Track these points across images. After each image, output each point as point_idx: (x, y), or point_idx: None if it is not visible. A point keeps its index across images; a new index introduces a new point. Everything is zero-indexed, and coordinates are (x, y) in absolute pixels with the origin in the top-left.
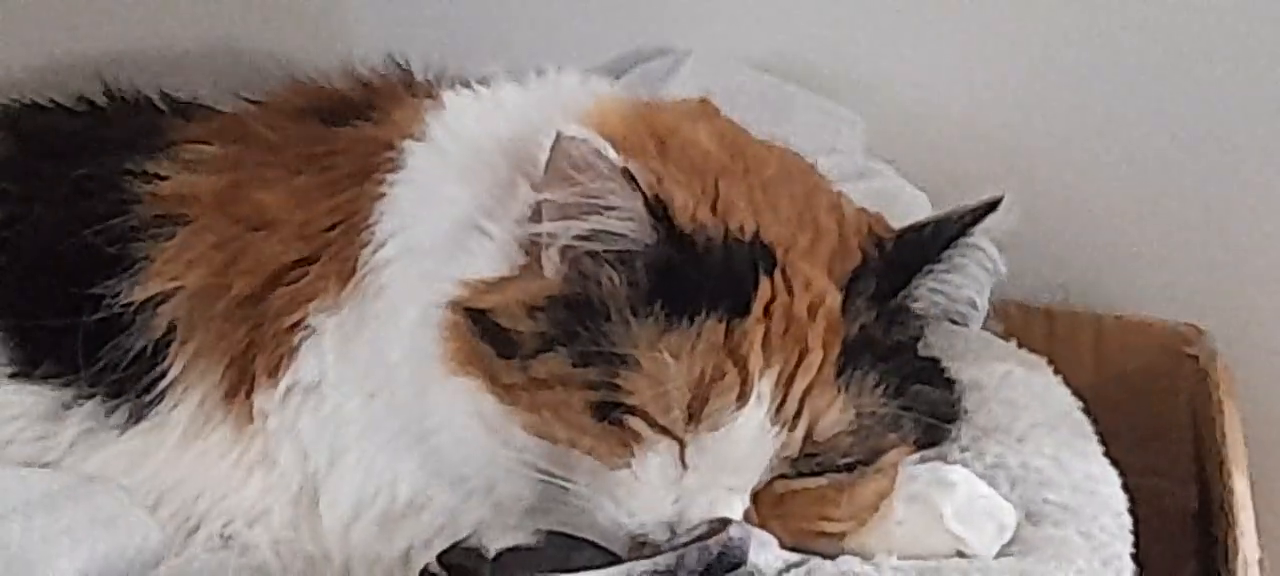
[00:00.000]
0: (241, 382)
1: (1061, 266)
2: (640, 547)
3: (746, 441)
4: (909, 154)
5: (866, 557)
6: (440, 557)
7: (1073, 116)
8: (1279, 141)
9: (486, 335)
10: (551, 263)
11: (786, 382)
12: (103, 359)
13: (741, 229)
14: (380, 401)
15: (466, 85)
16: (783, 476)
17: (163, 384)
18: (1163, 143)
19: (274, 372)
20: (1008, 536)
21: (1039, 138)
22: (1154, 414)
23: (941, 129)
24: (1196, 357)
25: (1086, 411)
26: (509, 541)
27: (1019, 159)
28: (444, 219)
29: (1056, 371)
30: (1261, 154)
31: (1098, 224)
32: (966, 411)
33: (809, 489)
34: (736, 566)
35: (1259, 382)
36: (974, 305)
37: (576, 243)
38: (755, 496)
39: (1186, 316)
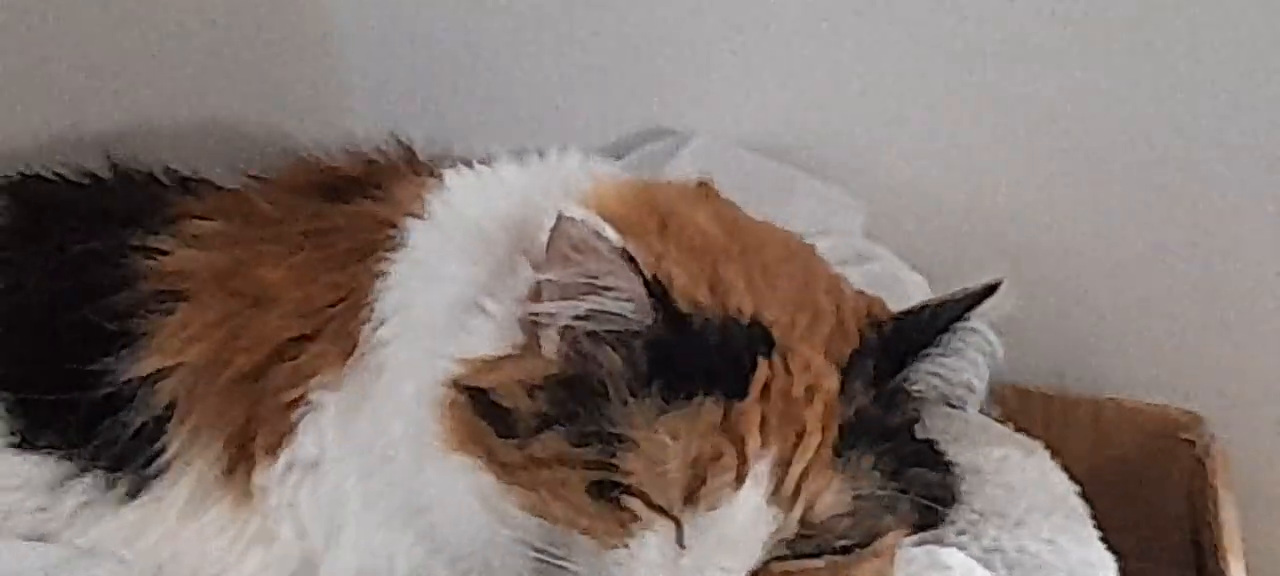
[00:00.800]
0: (241, 459)
1: (1059, 351)
2: None
3: (743, 522)
4: (908, 238)
5: None
6: None
7: (1071, 202)
8: (1277, 230)
9: (485, 413)
10: (551, 342)
11: (784, 464)
12: (103, 433)
13: (740, 310)
14: (379, 478)
15: (468, 165)
16: (780, 558)
17: (162, 459)
18: (1161, 228)
19: (273, 449)
20: None
21: (1038, 223)
22: (1150, 499)
23: (940, 213)
24: (1193, 443)
25: (1083, 496)
26: None
27: (1017, 243)
28: (444, 297)
29: (1054, 455)
30: (1260, 241)
31: (1095, 309)
32: (963, 494)
33: (805, 570)
34: None
35: (1256, 470)
36: (971, 388)
37: (576, 322)
38: None
39: (1184, 403)
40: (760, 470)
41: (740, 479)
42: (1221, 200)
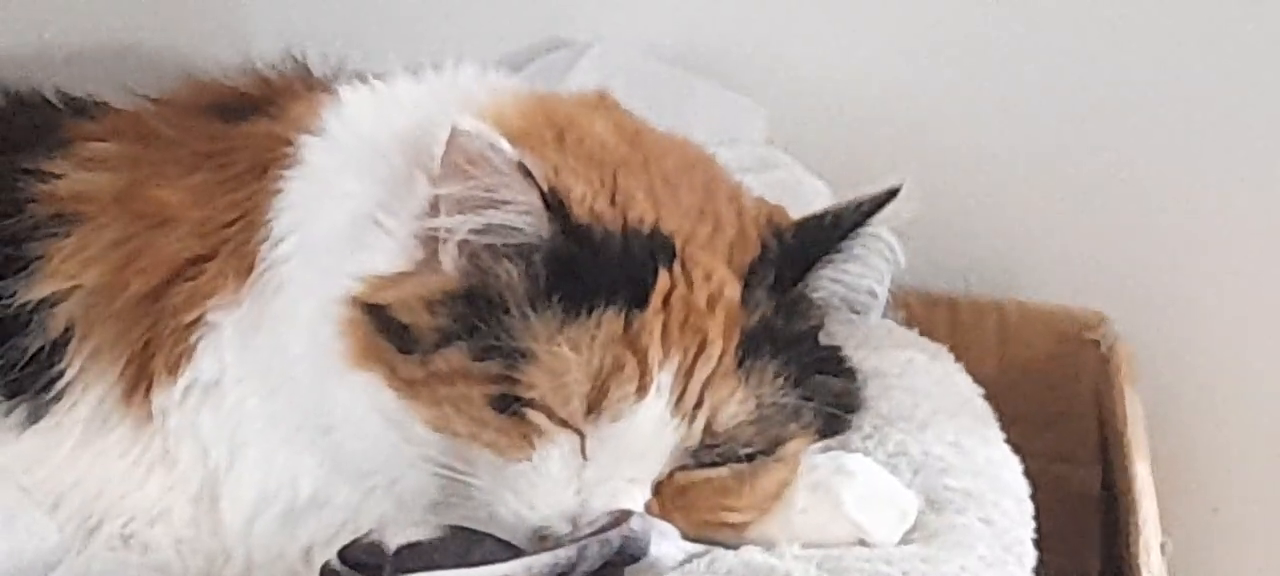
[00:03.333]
0: (140, 381)
1: (963, 255)
2: (542, 541)
3: (647, 433)
4: (810, 144)
5: (768, 547)
6: (341, 553)
7: (973, 105)
8: (1181, 127)
9: (386, 330)
10: (449, 257)
11: (686, 374)
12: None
13: (640, 221)
14: (280, 398)
15: (363, 80)
16: (684, 467)
17: (61, 383)
18: (1063, 129)
19: (173, 371)
20: (910, 523)
21: (940, 127)
22: (1057, 399)
23: (842, 119)
24: (1099, 343)
25: (989, 397)
26: (411, 536)
27: (920, 148)
28: (341, 214)
29: (958, 359)
30: (1163, 139)
31: (999, 212)
32: (868, 400)
33: (710, 479)
34: (638, 558)
35: (1160, 368)
36: (874, 294)
37: (473, 237)
38: (656, 488)
39: (1089, 302)
40: (663, 380)
41: (643, 390)
42: (1126, 101)
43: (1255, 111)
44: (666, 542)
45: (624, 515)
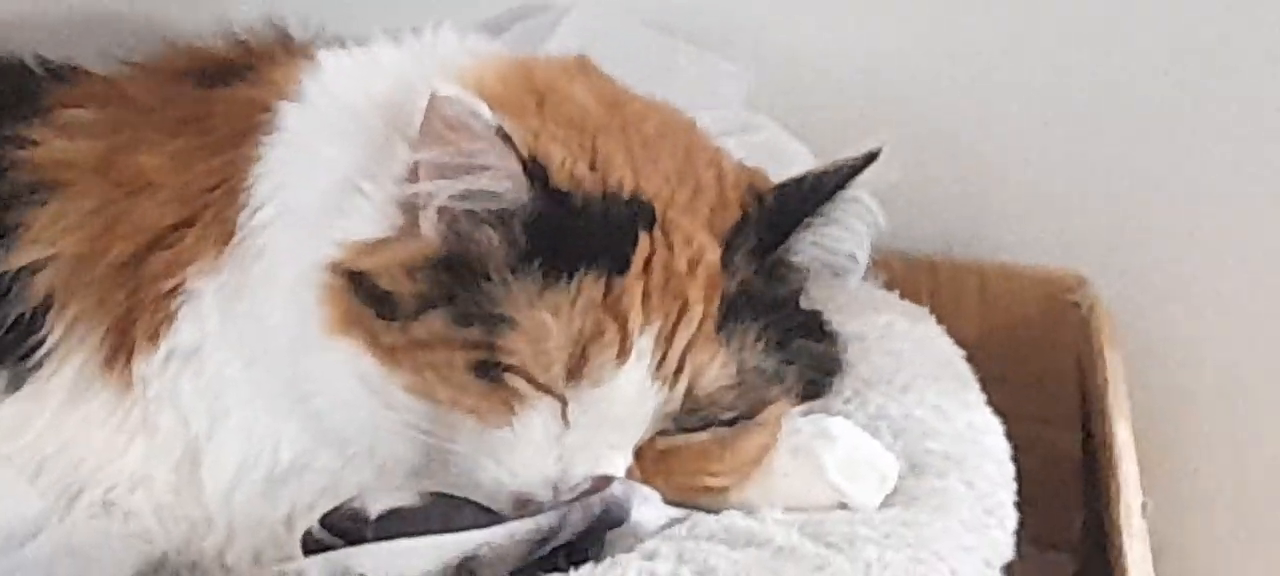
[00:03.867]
0: (121, 348)
1: (943, 218)
2: (523, 506)
3: (628, 398)
4: (791, 107)
5: (750, 511)
6: (323, 520)
7: (954, 67)
8: (1161, 89)
9: (366, 296)
10: (429, 223)
11: (667, 338)
12: None
13: (620, 185)
14: (261, 364)
15: (342, 45)
16: (665, 432)
17: (41, 351)
18: (1044, 90)
19: (153, 338)
20: (891, 487)
21: (921, 89)
22: (1038, 361)
23: (823, 82)
24: (1079, 305)
25: (970, 360)
26: (392, 502)
27: (900, 110)
28: (321, 180)
29: (939, 321)
30: (1142, 100)
31: (980, 173)
32: (849, 363)
33: (691, 444)
34: (619, 523)
35: (1141, 330)
36: (854, 258)
37: (453, 202)
38: (638, 453)
39: (1069, 264)
40: (643, 345)
41: (623, 354)
42: (1106, 61)
43: (1234, 73)
44: (648, 507)
45: (605, 480)
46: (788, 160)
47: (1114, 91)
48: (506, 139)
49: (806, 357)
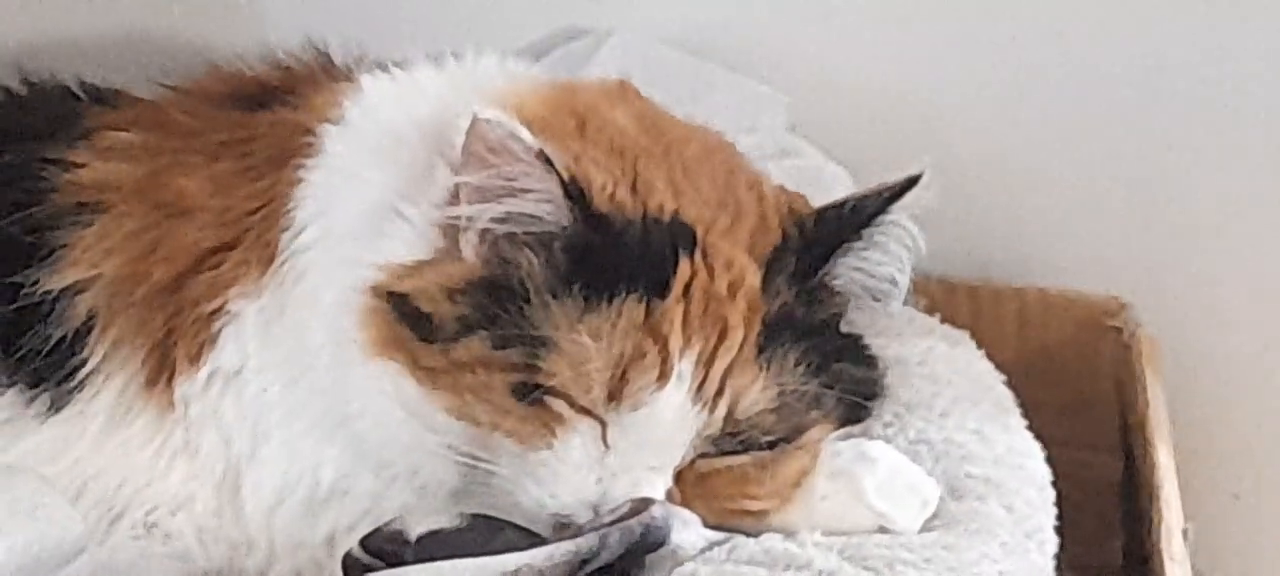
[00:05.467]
0: (162, 370)
1: (984, 242)
2: (563, 529)
3: (668, 421)
4: (830, 132)
5: (789, 535)
6: (363, 542)
7: (994, 92)
8: (1203, 114)
9: (407, 319)
10: (470, 245)
11: (707, 362)
12: (22, 348)
13: (660, 209)
14: (302, 387)
15: (384, 69)
16: (705, 455)
17: (83, 372)
18: (1085, 116)
19: (195, 360)
20: (930, 511)
21: (960, 113)
22: (1078, 386)
23: (862, 106)
24: (1120, 330)
25: (1010, 385)
26: (432, 525)
27: (941, 135)
28: (362, 203)
29: (979, 345)
30: (1185, 126)
31: (1020, 198)
32: (889, 387)
33: (731, 467)
34: (659, 546)
35: (1181, 354)
36: (894, 282)
37: (494, 225)
38: (678, 476)
39: (1110, 289)
40: (684, 368)
41: (664, 377)
42: (1148, 87)
43: (1277, 98)
44: (688, 530)
45: (645, 503)
46: (827, 184)
47: (1154, 117)
48: (547, 162)
49: (846, 381)
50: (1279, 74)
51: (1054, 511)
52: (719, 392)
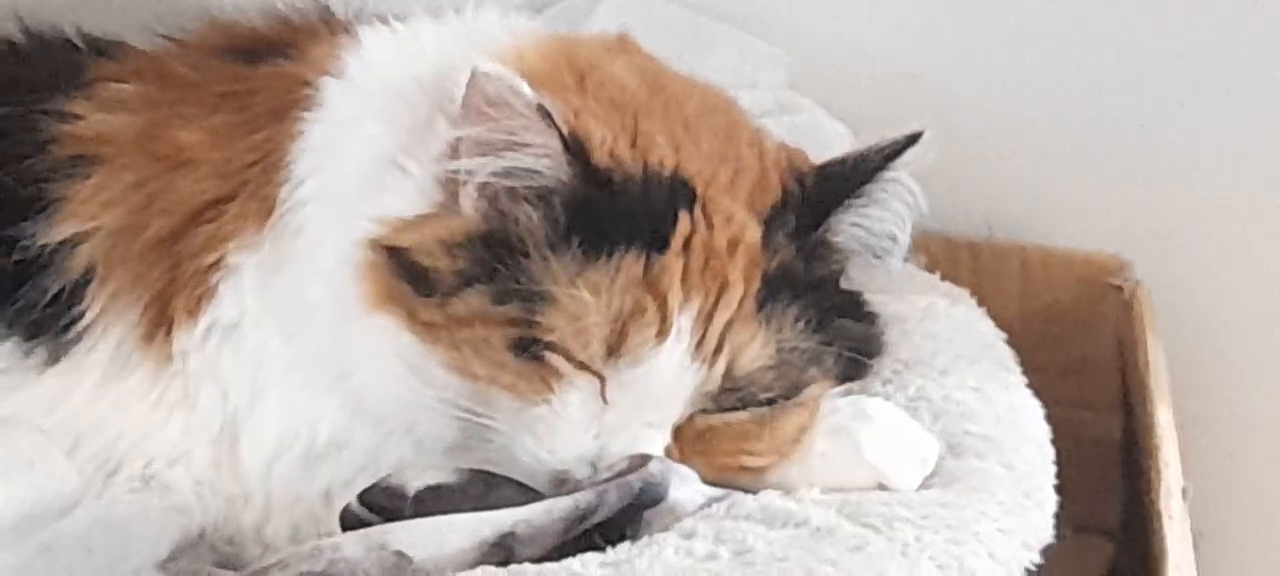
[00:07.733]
0: (160, 323)
1: (985, 200)
2: (561, 484)
3: (667, 377)
4: (830, 89)
5: (788, 491)
6: (361, 496)
7: (995, 48)
8: (1201, 72)
9: (405, 273)
10: (469, 200)
11: (706, 318)
12: (19, 299)
13: (660, 164)
14: (300, 340)
15: (384, 22)
16: (703, 411)
17: (81, 325)
18: (1086, 73)
19: (193, 312)
20: (930, 469)
21: (961, 70)
22: (1079, 345)
23: (863, 63)
24: (1121, 288)
25: (1010, 343)
26: (430, 479)
27: (941, 92)
28: (361, 157)
29: (980, 303)
30: (1183, 83)
31: (1021, 156)
32: (888, 345)
33: (730, 424)
34: (657, 502)
35: (1183, 313)
36: (895, 239)
37: (493, 179)
38: (676, 432)
39: (1111, 247)
40: (683, 324)
41: (663, 333)
42: (1147, 44)
43: (1277, 56)
44: (686, 487)
45: (643, 459)
46: (827, 141)
47: (1156, 74)
48: (547, 116)
49: (846, 338)
50: None
51: (1053, 470)
52: (718, 349)
